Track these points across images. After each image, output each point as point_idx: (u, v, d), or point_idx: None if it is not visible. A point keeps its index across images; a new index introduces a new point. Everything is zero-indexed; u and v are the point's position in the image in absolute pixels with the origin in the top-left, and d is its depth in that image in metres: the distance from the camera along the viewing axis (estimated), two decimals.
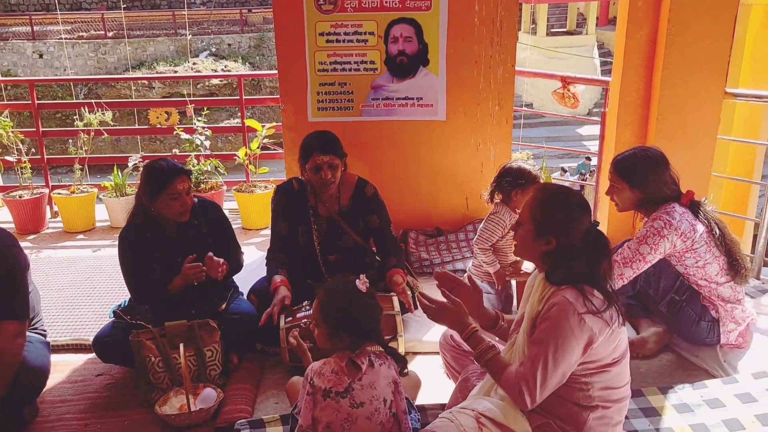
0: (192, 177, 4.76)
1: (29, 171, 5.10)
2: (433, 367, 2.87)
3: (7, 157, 5.06)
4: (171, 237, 2.92)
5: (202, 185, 5.05)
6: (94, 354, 2.86)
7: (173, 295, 2.83)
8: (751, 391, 2.57)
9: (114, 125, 5.41)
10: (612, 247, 2.02)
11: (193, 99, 5.53)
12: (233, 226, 3.16)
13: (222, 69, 19.31)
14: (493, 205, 3.30)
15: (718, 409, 2.49)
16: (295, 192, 3.20)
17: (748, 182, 5.22)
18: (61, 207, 5.08)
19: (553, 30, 22.66)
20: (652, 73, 3.77)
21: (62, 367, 2.98)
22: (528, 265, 3.25)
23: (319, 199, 3.18)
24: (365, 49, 3.93)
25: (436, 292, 2.21)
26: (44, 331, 2.77)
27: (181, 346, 2.56)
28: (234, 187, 5.12)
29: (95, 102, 5.33)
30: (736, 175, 5.20)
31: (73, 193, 5.06)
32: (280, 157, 4.72)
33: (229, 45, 21.15)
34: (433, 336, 2.96)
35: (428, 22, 3.87)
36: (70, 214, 5.02)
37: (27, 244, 4.74)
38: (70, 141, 5.32)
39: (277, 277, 2.99)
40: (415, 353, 3.05)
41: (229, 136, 15.94)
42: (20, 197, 4.96)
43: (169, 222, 2.90)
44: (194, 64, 19.53)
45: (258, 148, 5.05)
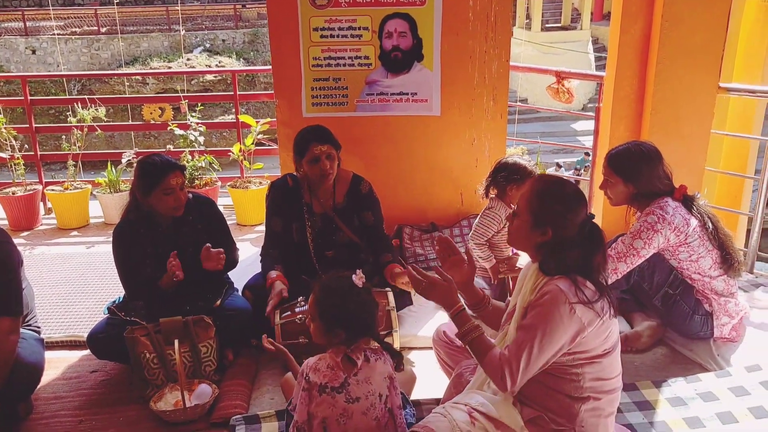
0: (186, 173, 4.78)
1: (22, 167, 5.07)
2: (427, 362, 2.88)
3: (0, 154, 5.04)
4: (165, 233, 2.91)
5: (197, 181, 5.03)
6: (89, 350, 2.86)
7: (166, 291, 2.83)
8: (744, 385, 2.59)
9: (107, 121, 5.39)
10: (606, 242, 2.02)
11: (187, 95, 5.51)
12: (228, 222, 3.15)
13: (216, 65, 19.24)
14: (488, 201, 3.31)
15: (711, 403, 2.51)
16: (290, 188, 3.19)
17: (741, 177, 5.24)
18: (54, 203, 5.06)
19: (547, 25, 22.65)
20: (646, 67, 3.78)
21: (56, 364, 2.97)
22: (522, 262, 3.26)
23: (314, 196, 3.18)
24: (359, 44, 3.92)
25: None
26: (38, 327, 2.77)
27: (176, 342, 2.56)
28: (228, 183, 5.10)
29: (88, 98, 5.30)
30: (729, 170, 5.22)
31: (67, 189, 5.04)
32: (274, 152, 4.72)
33: (224, 41, 21.08)
34: (428, 331, 2.97)
35: (422, 17, 3.86)
36: (64, 211, 5.00)
37: (20, 241, 4.72)
38: (64, 137, 5.30)
39: (273, 273, 2.98)
40: (410, 348, 3.06)
41: (223, 132, 15.92)
42: (13, 194, 4.94)
43: (164, 218, 2.89)
44: (188, 59, 19.46)
45: (252, 143, 5.05)
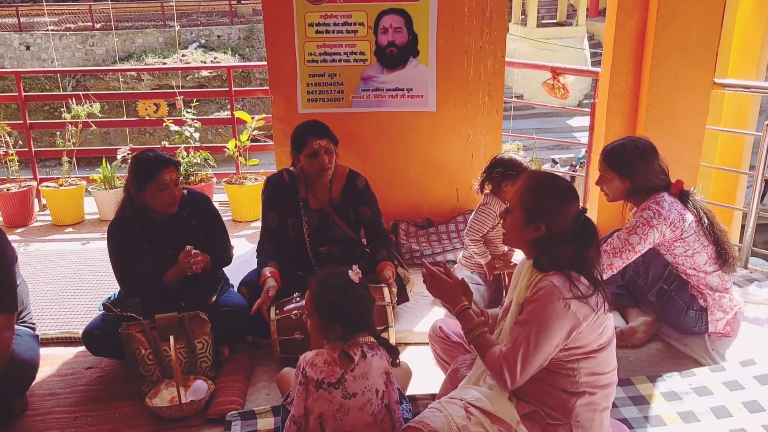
0: (181, 169, 4.77)
1: (16, 164, 5.05)
2: (423, 357, 2.88)
3: None
4: (160, 229, 2.90)
5: (192, 177, 5.02)
6: (84, 347, 2.85)
7: (167, 287, 2.82)
8: (739, 379, 2.60)
9: (102, 117, 5.37)
10: (601, 237, 2.03)
11: (182, 91, 5.49)
12: (223, 219, 3.15)
13: (211, 61, 19.17)
14: (482, 196, 3.31)
15: (705, 397, 2.52)
16: (286, 183, 3.18)
17: (736, 172, 5.25)
18: (49, 200, 5.04)
19: (543, 21, 22.62)
20: (642, 63, 3.78)
21: (52, 361, 2.96)
22: (518, 258, 3.26)
23: (310, 191, 3.17)
24: (355, 39, 3.91)
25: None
26: (33, 324, 2.76)
27: (172, 339, 2.55)
28: (224, 179, 5.09)
29: (83, 94, 5.28)
30: (724, 166, 5.22)
31: (62, 185, 5.03)
32: (270, 148, 4.71)
33: (219, 36, 21.00)
34: (424, 327, 2.97)
35: (418, 12, 3.86)
36: (59, 207, 4.99)
37: (15, 238, 4.71)
38: (58, 133, 5.28)
39: (267, 269, 2.98)
40: (406, 344, 3.06)
41: (218, 128, 15.90)
42: (8, 190, 4.92)
43: (158, 214, 2.88)
44: (183, 55, 19.38)
45: (248, 139, 5.04)
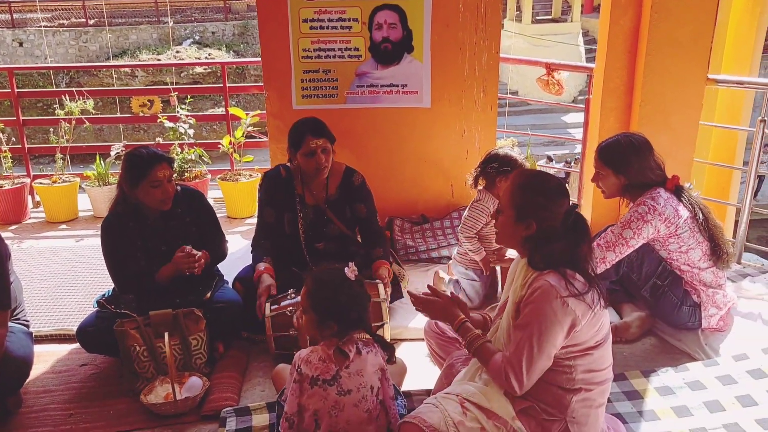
0: (175, 165, 4.75)
1: (10, 161, 5.03)
2: (418, 353, 2.89)
3: None
4: (154, 226, 2.89)
5: (186, 174, 5.01)
6: (78, 344, 2.84)
7: (159, 284, 2.81)
8: (732, 374, 2.61)
9: (96, 114, 5.34)
10: (595, 233, 2.03)
11: (176, 87, 5.47)
12: (218, 215, 3.14)
13: (206, 57, 19.08)
14: (476, 192, 3.31)
15: (699, 392, 2.53)
16: (283, 179, 3.18)
17: (729, 168, 5.27)
18: (42, 197, 5.02)
19: (538, 17, 22.60)
20: (636, 59, 3.78)
21: (46, 358, 2.95)
22: (512, 251, 3.27)
23: (307, 187, 3.17)
24: (349, 35, 3.91)
25: (423, 279, 2.23)
26: (27, 321, 2.75)
27: (166, 335, 2.55)
28: (218, 176, 5.08)
29: (76, 90, 5.26)
30: (718, 161, 5.24)
31: (55, 182, 5.00)
32: (264, 145, 4.70)
33: (213, 33, 20.91)
34: (419, 323, 2.97)
35: (412, 8, 3.85)
36: (53, 204, 4.97)
37: (8, 235, 4.69)
38: (52, 130, 5.26)
39: (261, 265, 2.97)
40: (401, 340, 3.06)
41: (213, 124, 15.82)
42: (1, 187, 4.89)
43: (152, 211, 2.87)
44: (177, 52, 19.28)
45: (242, 136, 5.02)
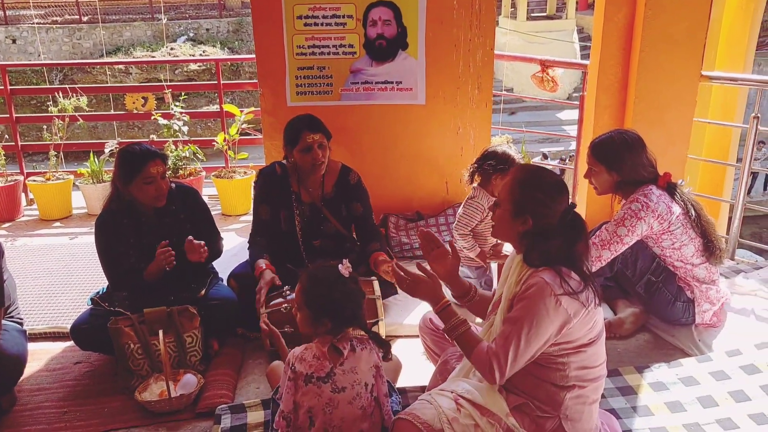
0: (170, 163, 4.74)
1: (3, 158, 5.00)
2: (413, 350, 2.89)
3: None
4: (148, 223, 2.88)
5: (181, 171, 4.99)
6: (72, 342, 2.84)
7: (150, 281, 2.81)
8: (725, 369, 2.62)
9: (90, 111, 5.32)
10: (590, 230, 2.04)
11: (170, 84, 5.46)
12: (212, 213, 3.13)
13: (200, 54, 19.00)
14: (471, 189, 3.31)
15: (692, 387, 2.54)
16: (278, 176, 3.17)
17: (723, 164, 5.29)
18: (36, 194, 5.00)
19: (533, 14, 22.59)
20: (630, 56, 3.79)
21: (40, 356, 2.94)
22: (508, 248, 3.27)
23: (303, 185, 3.16)
24: (344, 32, 3.90)
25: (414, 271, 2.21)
26: (21, 319, 2.75)
27: (161, 333, 2.54)
28: (213, 173, 5.07)
29: (70, 87, 5.24)
30: (712, 158, 5.26)
31: (49, 180, 4.98)
32: (259, 142, 4.69)
33: (207, 30, 20.82)
34: (414, 319, 2.98)
35: (407, 5, 3.84)
36: (46, 202, 4.95)
37: (2, 232, 4.68)
38: (45, 127, 5.23)
39: (262, 262, 2.97)
40: (396, 337, 3.07)
41: (208, 122, 15.77)
42: None
43: (146, 208, 2.86)
44: (171, 49, 19.20)
45: (237, 133, 5.01)
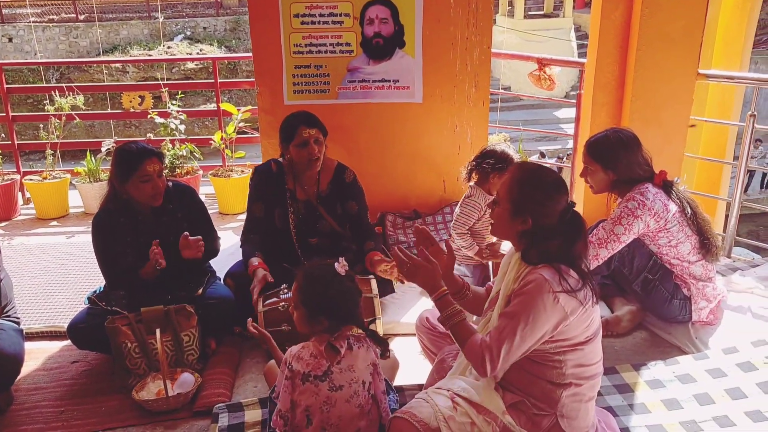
0: (166, 161, 4.73)
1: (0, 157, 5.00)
2: (410, 348, 2.89)
3: None
4: (145, 222, 2.88)
5: (178, 170, 4.99)
6: (69, 341, 2.83)
7: (148, 280, 2.80)
8: (722, 367, 2.63)
9: (86, 110, 5.31)
10: (587, 228, 2.03)
11: (167, 82, 5.45)
12: (210, 211, 3.13)
13: (197, 53, 18.96)
14: (468, 188, 3.31)
15: (689, 384, 2.54)
16: (273, 174, 3.17)
17: (720, 162, 5.30)
18: (33, 193, 4.99)
19: (530, 13, 22.59)
20: (627, 54, 3.79)
21: (37, 355, 2.94)
22: (505, 247, 3.27)
23: (298, 183, 3.16)
24: (341, 30, 3.89)
25: None
26: (17, 318, 2.74)
27: (158, 332, 2.54)
28: (210, 172, 5.07)
29: (66, 86, 5.23)
30: (708, 156, 5.26)
31: (46, 179, 4.97)
32: (256, 140, 4.69)
33: (205, 28, 20.78)
34: (411, 318, 2.98)
35: (404, 3, 3.84)
36: (43, 201, 4.94)
37: None
38: (42, 126, 5.22)
39: (254, 260, 2.97)
40: (394, 335, 3.07)
41: (205, 120, 15.77)
42: None
43: (143, 206, 2.86)
44: (168, 47, 19.16)
45: (234, 132, 5.01)
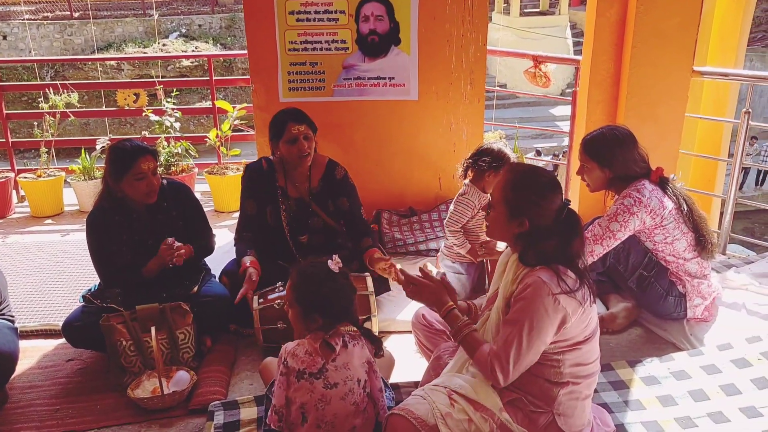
0: (161, 158, 4.72)
1: None
2: (406, 345, 2.89)
3: None
4: (140, 219, 2.87)
5: (173, 168, 4.98)
6: (64, 339, 2.82)
7: (146, 278, 2.80)
8: (716, 363, 2.64)
9: (81, 107, 5.29)
10: (583, 225, 2.04)
11: (162, 80, 5.43)
12: (205, 209, 3.12)
13: (192, 50, 18.90)
14: (463, 185, 3.31)
15: (684, 381, 2.55)
16: (264, 171, 3.17)
17: (715, 160, 5.31)
18: (27, 191, 4.97)
19: (526, 10, 22.60)
20: (622, 51, 3.80)
21: (32, 353, 2.93)
22: (501, 245, 3.27)
23: (289, 179, 3.16)
24: (336, 28, 3.89)
25: (411, 272, 2.22)
26: (12, 316, 2.73)
27: (153, 330, 2.53)
28: (205, 170, 5.06)
29: (61, 84, 5.21)
30: (703, 153, 5.28)
31: (40, 177, 4.96)
32: (251, 138, 4.67)
33: (200, 26, 20.71)
34: (407, 315, 2.97)
35: (399, 0, 3.83)
36: (38, 199, 4.93)
37: None
38: (36, 124, 5.20)
39: (247, 258, 2.97)
40: (389, 332, 3.07)
41: (200, 118, 15.73)
42: None
43: (137, 204, 2.85)
44: (164, 45, 19.09)
45: (229, 129, 5.00)
